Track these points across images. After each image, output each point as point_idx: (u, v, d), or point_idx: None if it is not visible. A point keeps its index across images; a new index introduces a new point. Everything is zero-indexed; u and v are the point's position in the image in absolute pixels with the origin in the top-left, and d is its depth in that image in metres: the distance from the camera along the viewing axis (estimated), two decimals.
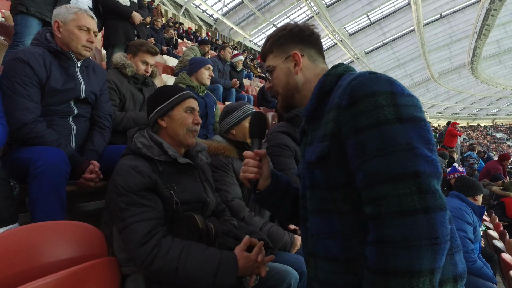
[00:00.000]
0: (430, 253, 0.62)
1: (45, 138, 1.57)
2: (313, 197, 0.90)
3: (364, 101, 0.73)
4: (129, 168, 1.24)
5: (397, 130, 0.69)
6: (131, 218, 1.17)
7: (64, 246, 1.25)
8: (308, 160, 0.89)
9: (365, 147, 0.71)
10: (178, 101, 1.40)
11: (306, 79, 0.99)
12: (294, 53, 0.98)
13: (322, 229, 0.86)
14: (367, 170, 0.71)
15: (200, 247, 1.18)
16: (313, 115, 0.93)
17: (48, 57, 1.64)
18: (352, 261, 0.79)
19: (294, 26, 1.02)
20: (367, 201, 0.71)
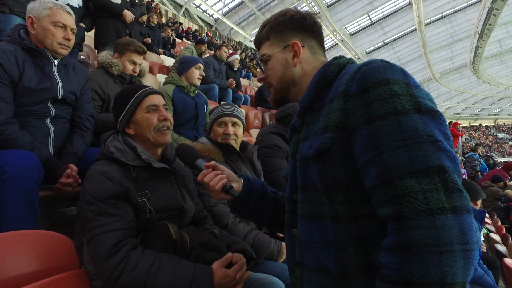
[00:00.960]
0: (463, 261, 0.53)
1: (17, 140, 1.48)
2: (305, 200, 0.80)
3: (377, 88, 0.66)
4: (99, 174, 1.16)
5: (417, 121, 0.61)
6: (98, 229, 1.09)
7: (30, 258, 1.17)
8: (303, 156, 0.79)
9: (381, 138, 0.62)
10: (136, 103, 1.30)
11: (304, 72, 0.90)
12: (294, 42, 0.89)
13: (313, 236, 0.77)
14: (383, 164, 0.61)
15: (173, 260, 1.09)
16: (310, 106, 0.84)
17: (21, 55, 1.55)
18: (345, 276, 0.70)
19: (295, 12, 0.92)
20: (384, 200, 0.61)
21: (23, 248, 1.16)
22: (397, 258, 0.56)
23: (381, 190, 0.61)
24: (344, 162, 0.69)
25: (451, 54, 33.97)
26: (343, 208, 0.70)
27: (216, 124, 1.77)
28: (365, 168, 0.65)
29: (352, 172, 0.69)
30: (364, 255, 0.68)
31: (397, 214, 0.57)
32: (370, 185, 0.64)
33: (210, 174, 1.00)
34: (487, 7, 19.91)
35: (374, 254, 0.67)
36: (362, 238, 0.68)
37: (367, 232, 0.68)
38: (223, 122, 1.76)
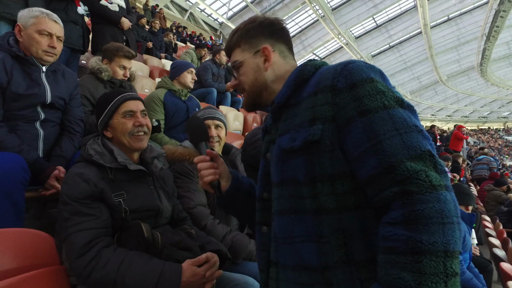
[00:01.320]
0: (458, 232, 0.59)
1: (4, 143, 1.54)
2: (282, 195, 0.81)
3: (364, 85, 0.71)
4: (75, 176, 1.21)
5: (404, 114, 0.69)
6: (72, 228, 1.14)
7: (9, 255, 1.21)
8: (284, 149, 0.80)
9: (376, 129, 0.67)
10: (114, 108, 1.35)
11: (275, 77, 0.92)
12: (265, 47, 0.91)
13: (293, 231, 0.77)
14: (382, 152, 0.65)
15: (143, 259, 1.14)
16: (287, 102, 0.86)
17: (9, 62, 1.61)
18: (327, 269, 0.71)
19: (264, 18, 0.95)
20: (388, 185, 0.64)
21: (5, 245, 1.21)
22: (405, 230, 0.59)
23: (384, 177, 0.64)
24: (331, 154, 0.72)
25: (458, 57, 33.61)
26: (328, 200, 0.72)
27: None
28: (360, 159, 0.68)
29: (338, 165, 0.72)
30: (345, 247, 0.70)
31: (404, 191, 0.61)
32: (369, 174, 0.67)
33: (206, 164, 1.00)
34: (494, 9, 19.73)
35: (354, 246, 0.70)
36: (343, 230, 0.70)
37: (349, 224, 0.70)
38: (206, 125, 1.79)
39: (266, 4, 21.81)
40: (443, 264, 0.56)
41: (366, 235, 0.70)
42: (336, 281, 0.70)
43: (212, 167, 1.01)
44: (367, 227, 0.70)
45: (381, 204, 0.65)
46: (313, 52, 27.53)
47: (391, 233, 0.61)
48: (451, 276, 0.56)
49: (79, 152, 1.89)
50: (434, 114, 47.18)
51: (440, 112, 48.45)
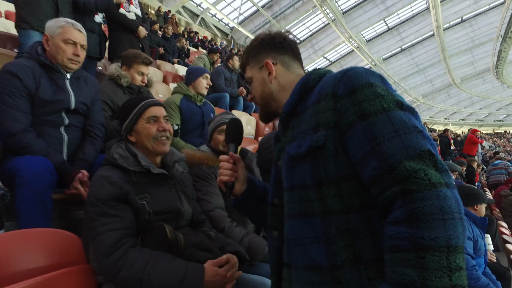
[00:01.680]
0: (461, 227, 0.60)
1: (33, 147, 1.62)
2: (292, 200, 0.85)
3: (363, 90, 0.74)
4: (102, 179, 1.27)
5: (403, 116, 0.71)
6: (100, 228, 1.19)
7: (41, 254, 1.28)
8: (292, 155, 0.84)
9: (376, 132, 0.70)
10: (139, 114, 1.41)
11: (281, 87, 0.98)
12: (266, 62, 0.98)
13: (303, 233, 0.81)
14: (382, 153, 0.68)
15: (167, 259, 1.18)
16: (294, 111, 0.91)
17: (37, 70, 1.70)
18: (336, 268, 0.74)
19: (265, 35, 1.02)
20: (388, 185, 0.66)
21: (36, 244, 1.27)
22: (407, 228, 0.61)
23: (385, 177, 0.67)
24: (335, 158, 0.76)
25: (472, 59, 33.04)
26: (334, 201, 0.75)
27: (217, 132, 1.87)
28: (362, 161, 0.71)
29: (343, 168, 0.75)
30: (352, 247, 0.73)
31: (404, 190, 0.64)
32: (371, 175, 0.69)
33: (228, 165, 1.08)
34: (510, 9, 19.31)
35: (361, 246, 0.73)
36: (350, 231, 0.73)
37: (355, 225, 0.73)
38: (223, 130, 1.85)
39: (276, 9, 21.95)
40: (446, 258, 0.57)
41: (373, 235, 0.72)
42: (345, 280, 0.73)
43: (232, 169, 1.08)
44: (374, 227, 0.73)
45: (385, 203, 0.68)
46: (324, 56, 27.51)
47: (394, 232, 0.63)
48: (455, 270, 0.57)
49: (101, 155, 1.99)
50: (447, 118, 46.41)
51: (454, 116, 47.63)
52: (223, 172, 1.07)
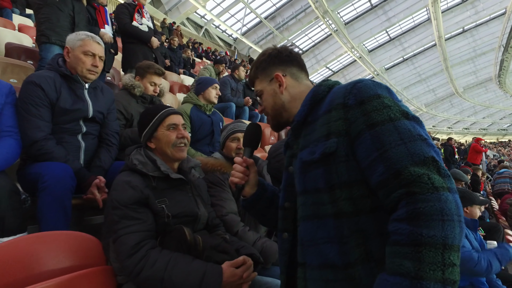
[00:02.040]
0: (459, 229, 0.65)
1: (54, 154, 1.69)
2: (305, 203, 0.90)
3: (371, 101, 0.80)
4: (124, 183, 1.32)
5: (408, 125, 0.76)
6: (122, 230, 1.24)
7: (63, 255, 1.33)
8: (305, 161, 0.90)
9: (383, 140, 0.75)
10: (159, 121, 1.48)
11: (291, 97, 1.04)
12: (276, 74, 1.04)
13: (317, 234, 0.86)
14: (389, 160, 0.73)
15: (186, 259, 1.23)
16: (305, 120, 0.97)
17: (58, 80, 1.79)
18: (349, 266, 0.79)
19: (272, 50, 1.09)
20: (394, 188, 0.71)
21: (58, 246, 1.33)
22: (408, 225, 0.66)
23: (391, 182, 0.72)
24: (347, 164, 0.81)
25: (474, 68, 33.20)
26: (346, 204, 0.80)
27: (229, 140, 1.94)
28: (371, 167, 0.76)
29: (354, 173, 0.80)
30: (364, 246, 0.78)
31: (408, 192, 0.69)
32: (378, 180, 0.74)
33: (241, 168, 1.14)
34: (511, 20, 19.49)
35: (372, 245, 0.78)
36: (361, 231, 0.79)
37: (366, 225, 0.79)
38: (235, 138, 1.92)
39: (279, 20, 22.25)
40: (441, 255, 0.62)
41: (382, 234, 0.77)
42: (358, 276, 0.78)
43: (244, 173, 1.14)
44: (383, 227, 0.77)
45: (391, 205, 0.73)
46: (326, 66, 27.74)
47: (396, 228, 0.69)
48: (448, 266, 0.62)
49: (116, 163, 2.06)
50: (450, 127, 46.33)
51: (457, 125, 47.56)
52: (235, 174, 1.13)
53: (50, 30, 2.76)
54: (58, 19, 2.79)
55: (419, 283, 0.62)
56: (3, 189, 1.39)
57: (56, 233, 1.38)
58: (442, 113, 41.66)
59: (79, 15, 2.95)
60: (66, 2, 2.87)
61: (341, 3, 20.42)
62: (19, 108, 1.70)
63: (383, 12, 22.86)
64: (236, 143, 1.92)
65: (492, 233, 4.59)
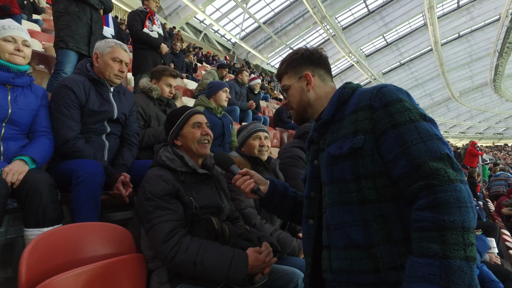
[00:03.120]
0: (472, 214, 0.77)
1: (84, 152, 1.82)
2: (332, 191, 1.01)
3: (395, 104, 0.92)
4: (156, 177, 1.45)
5: (426, 126, 0.88)
6: (157, 219, 1.37)
7: (100, 243, 1.46)
8: (334, 155, 1.01)
9: (405, 138, 0.87)
10: (185, 120, 1.62)
11: (317, 96, 1.16)
12: (306, 73, 1.15)
13: (343, 219, 0.97)
14: (411, 155, 0.85)
15: (216, 245, 1.36)
16: (332, 118, 1.08)
17: (87, 84, 1.92)
18: (372, 246, 0.91)
19: (305, 50, 1.19)
20: (415, 180, 0.83)
21: (96, 236, 1.46)
22: (431, 213, 0.78)
23: (412, 174, 0.84)
24: (372, 158, 0.94)
25: (470, 73, 33.60)
26: (370, 192, 0.93)
27: (252, 139, 2.10)
28: (394, 160, 0.88)
29: (378, 166, 0.93)
30: (385, 229, 0.91)
31: (428, 184, 0.80)
32: (401, 172, 0.86)
33: (241, 179, 1.28)
34: (505, 26, 19.77)
35: (392, 228, 0.91)
36: (383, 216, 0.91)
37: (387, 211, 0.92)
38: (257, 137, 2.09)
39: (278, 25, 22.48)
40: (462, 236, 0.74)
41: (401, 219, 0.91)
42: (380, 255, 0.90)
43: (246, 180, 1.28)
44: (402, 213, 0.91)
45: (411, 195, 0.86)
46: None
47: (420, 216, 0.80)
48: (468, 245, 0.74)
49: (136, 162, 2.19)
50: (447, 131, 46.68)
51: (454, 129, 47.94)
52: (243, 187, 1.27)
53: (69, 36, 2.90)
54: (77, 27, 2.95)
55: (447, 261, 0.73)
56: (44, 183, 1.52)
57: (92, 224, 1.51)
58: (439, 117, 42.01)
59: (96, 24, 3.11)
60: (85, 11, 3.03)
61: (339, 8, 20.69)
62: (52, 109, 1.83)
63: (380, 17, 23.17)
64: (259, 141, 2.07)
65: (489, 232, 4.75)
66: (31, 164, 1.59)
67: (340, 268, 0.98)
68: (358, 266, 0.93)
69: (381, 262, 0.90)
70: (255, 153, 2.05)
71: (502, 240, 4.95)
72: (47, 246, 1.29)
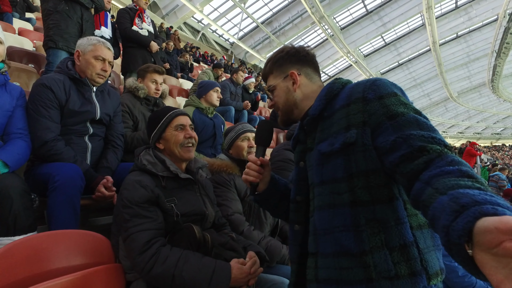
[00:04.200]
0: None
1: (63, 155, 1.73)
2: (322, 193, 0.94)
3: (390, 97, 0.87)
4: (134, 183, 1.36)
5: (423, 118, 0.83)
6: (134, 228, 1.28)
7: (75, 253, 1.37)
8: (325, 152, 0.94)
9: (404, 127, 0.81)
10: (167, 122, 1.53)
11: (304, 96, 1.08)
12: (292, 72, 1.07)
13: (332, 223, 0.89)
14: (412, 140, 0.78)
15: (196, 256, 1.27)
16: (320, 114, 1.00)
17: (68, 83, 1.83)
18: (364, 253, 0.83)
19: (290, 48, 1.12)
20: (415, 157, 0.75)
21: (70, 244, 1.37)
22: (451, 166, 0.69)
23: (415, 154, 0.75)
24: (365, 154, 0.86)
25: (468, 73, 33.60)
26: (363, 193, 0.85)
27: (240, 140, 1.99)
28: (393, 147, 0.80)
29: (371, 162, 0.85)
30: (379, 235, 0.83)
31: (437, 154, 0.73)
32: (402, 154, 0.78)
33: (256, 167, 1.14)
34: (503, 26, 19.77)
35: (388, 234, 0.82)
36: (378, 220, 0.83)
37: (382, 215, 0.83)
38: (246, 138, 1.98)
39: (276, 25, 22.38)
40: (483, 185, 0.62)
41: (397, 224, 0.82)
42: (373, 264, 0.82)
43: (259, 172, 1.16)
44: (399, 217, 0.83)
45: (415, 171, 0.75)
46: (323, 70, 27.91)
47: (441, 169, 0.69)
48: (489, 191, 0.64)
49: (121, 164, 2.10)
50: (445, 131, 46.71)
51: (452, 129, 47.99)
52: (249, 173, 1.14)
53: (58, 36, 2.82)
54: (67, 26, 2.86)
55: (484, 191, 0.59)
56: (15, 189, 1.42)
57: (67, 232, 1.42)
58: (437, 118, 42.02)
59: (87, 23, 3.02)
60: (75, 10, 2.95)
61: (337, 8, 20.62)
62: (30, 109, 1.74)
63: (378, 17, 23.10)
64: (247, 142, 1.97)
65: None
66: (3, 169, 1.49)
67: (327, 278, 0.89)
68: (348, 275, 0.85)
69: (374, 271, 0.82)
70: (244, 155, 1.95)
71: None
72: (14, 257, 1.20)
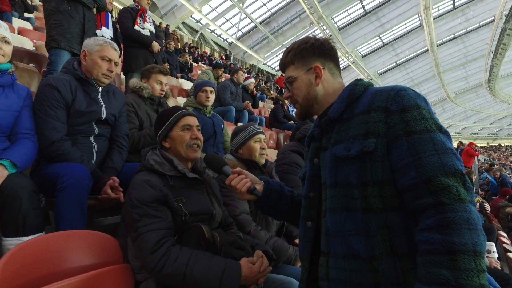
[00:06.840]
0: (483, 238, 0.70)
1: (70, 155, 1.73)
2: (335, 195, 0.93)
3: (412, 110, 0.85)
4: (143, 183, 1.37)
5: (442, 138, 0.82)
6: (143, 228, 1.28)
7: (84, 253, 1.37)
8: (339, 156, 0.92)
9: (419, 148, 0.80)
10: (174, 122, 1.54)
11: (325, 91, 1.05)
12: (316, 66, 1.04)
13: (345, 226, 0.89)
14: (422, 167, 0.78)
15: (207, 255, 1.28)
16: (341, 117, 0.98)
17: (74, 83, 1.83)
18: (374, 259, 0.83)
19: (315, 40, 1.07)
20: (423, 194, 0.76)
21: (80, 245, 1.37)
22: (439, 234, 0.71)
23: (421, 187, 0.77)
24: (382, 164, 0.85)
25: (465, 74, 33.78)
26: (376, 201, 0.85)
27: (253, 141, 1.98)
28: (403, 170, 0.81)
29: (387, 173, 0.85)
30: (389, 241, 0.83)
31: (437, 202, 0.74)
32: (408, 183, 0.79)
33: (236, 179, 1.17)
34: (500, 27, 19.89)
35: (397, 241, 0.83)
36: (388, 227, 0.83)
37: (393, 222, 0.84)
38: (258, 139, 1.99)
39: (274, 25, 22.39)
40: (474, 261, 0.67)
41: (407, 232, 0.83)
42: (382, 269, 0.83)
43: (242, 179, 1.18)
44: (408, 225, 0.83)
45: (416, 210, 0.79)
46: None
47: (427, 238, 0.73)
48: (481, 271, 0.67)
49: (126, 164, 2.10)
50: None
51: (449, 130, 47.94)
52: (239, 187, 1.16)
53: (60, 36, 2.81)
54: (69, 25, 2.86)
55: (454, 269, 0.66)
56: (24, 189, 1.42)
57: (77, 232, 1.42)
58: None
59: (89, 23, 3.02)
60: (78, 9, 2.94)
61: (335, 9, 20.64)
62: (36, 109, 1.74)
63: (376, 18, 23.17)
64: (260, 144, 1.98)
65: (487, 235, 4.71)
66: (11, 169, 1.49)
67: (337, 278, 0.90)
68: (357, 278, 0.86)
69: (382, 276, 0.82)
70: (255, 156, 1.95)
71: (500, 242, 4.92)
72: (26, 257, 1.20)
